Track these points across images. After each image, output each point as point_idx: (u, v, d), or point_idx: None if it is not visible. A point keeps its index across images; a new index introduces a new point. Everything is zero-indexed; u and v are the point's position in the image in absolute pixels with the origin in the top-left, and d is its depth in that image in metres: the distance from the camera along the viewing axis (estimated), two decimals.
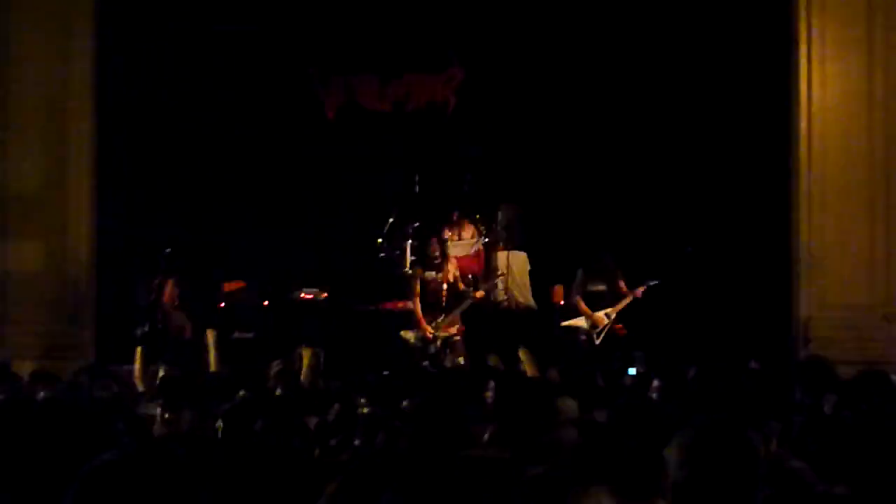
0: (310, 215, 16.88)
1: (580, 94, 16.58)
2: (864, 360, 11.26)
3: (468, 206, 15.71)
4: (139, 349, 12.50)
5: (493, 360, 11.78)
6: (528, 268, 15.89)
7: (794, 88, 13.92)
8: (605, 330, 13.82)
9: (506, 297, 15.33)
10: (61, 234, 14.27)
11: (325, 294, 15.57)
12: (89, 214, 14.48)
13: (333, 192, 17.01)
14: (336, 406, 6.73)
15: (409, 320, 13.71)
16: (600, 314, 13.78)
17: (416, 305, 13.56)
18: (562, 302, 15.01)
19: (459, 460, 3.56)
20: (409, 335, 13.53)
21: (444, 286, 13.49)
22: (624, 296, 13.88)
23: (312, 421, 6.41)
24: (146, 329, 14.24)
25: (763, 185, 15.30)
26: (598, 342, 13.81)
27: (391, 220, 15.56)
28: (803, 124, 13.76)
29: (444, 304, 13.47)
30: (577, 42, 16.48)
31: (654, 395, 7.66)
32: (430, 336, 13.30)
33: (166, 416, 6.21)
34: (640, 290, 13.87)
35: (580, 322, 13.95)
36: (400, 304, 14.97)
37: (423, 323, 13.39)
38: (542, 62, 16.67)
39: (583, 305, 13.88)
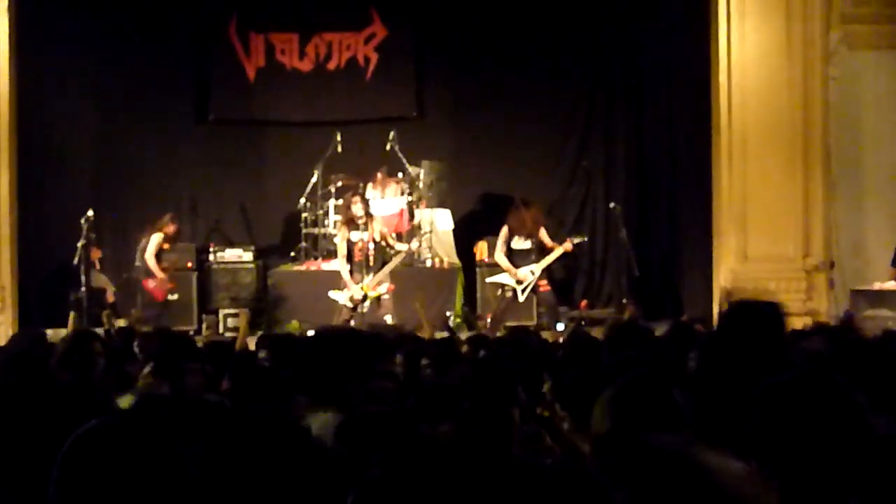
0: (233, 177, 16.98)
1: (504, 45, 16.75)
2: (788, 313, 11.49)
3: (391, 164, 15.70)
4: (72, 314, 12.46)
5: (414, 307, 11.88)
6: (452, 226, 16.22)
7: (714, 42, 14.09)
8: (530, 286, 13.93)
9: (430, 255, 15.62)
10: None
11: (251, 255, 15.72)
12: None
13: (256, 152, 17.18)
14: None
15: (337, 280, 13.76)
16: (525, 270, 13.87)
17: (343, 265, 13.60)
18: (486, 259, 15.06)
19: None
20: (338, 295, 13.57)
21: (371, 245, 13.54)
22: (549, 252, 13.97)
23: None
24: (79, 293, 14.33)
25: (684, 139, 15.60)
26: (521, 298, 13.94)
27: (314, 179, 15.66)
28: (723, 78, 13.91)
29: (370, 263, 13.53)
30: None
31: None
32: (360, 296, 13.38)
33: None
34: (567, 245, 13.98)
35: (504, 279, 14.12)
36: (326, 264, 15.20)
37: (352, 283, 13.43)
38: (464, 18, 16.80)
39: (506, 262, 13.96)
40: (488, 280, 14.57)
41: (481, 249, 15.39)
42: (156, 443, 2.58)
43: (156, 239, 14.79)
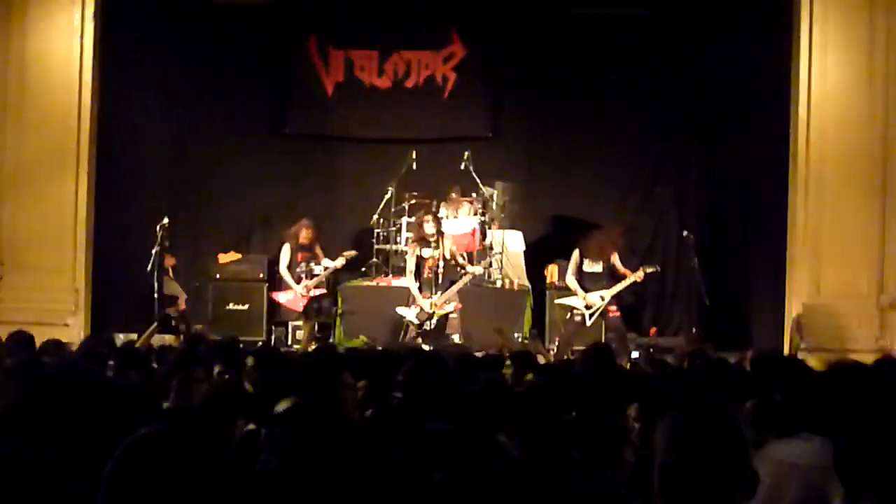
0: (307, 191, 17.02)
1: (581, 68, 16.84)
2: (858, 350, 11.43)
3: (465, 183, 15.76)
4: (154, 325, 12.62)
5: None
6: (523, 247, 16.16)
7: (795, 75, 13.96)
8: (598, 311, 13.84)
9: (501, 276, 15.65)
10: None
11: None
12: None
13: (331, 167, 17.27)
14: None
15: (406, 297, 13.82)
16: (594, 295, 13.81)
17: (412, 282, 13.65)
18: (556, 281, 15.10)
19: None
20: (405, 311, 13.61)
21: (441, 263, 13.57)
22: (621, 278, 13.92)
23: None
24: (164, 309, 14.46)
25: (760, 169, 15.51)
26: (589, 323, 13.85)
27: (387, 196, 15.70)
28: (802, 110, 13.81)
29: (440, 281, 13.57)
30: (574, 22, 16.72)
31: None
32: (427, 313, 13.40)
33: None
34: (639, 273, 13.88)
35: (574, 302, 13.97)
36: (396, 281, 15.17)
37: (421, 299, 13.48)
38: (542, 41, 16.89)
39: (576, 285, 13.92)
40: (557, 302, 14.56)
41: (552, 272, 15.46)
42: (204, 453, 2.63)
43: (286, 249, 14.54)
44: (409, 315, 13.54)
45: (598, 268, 13.86)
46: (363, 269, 16.06)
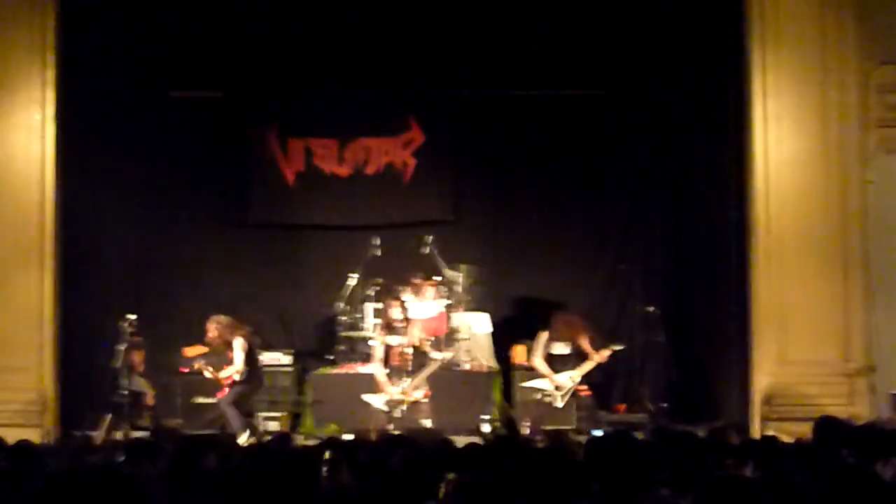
0: (272, 280, 17.04)
1: (541, 151, 16.95)
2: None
3: (429, 268, 15.75)
4: (108, 416, 12.52)
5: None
6: (490, 329, 16.13)
7: (750, 145, 13.99)
8: (569, 393, 13.84)
9: (469, 359, 15.58)
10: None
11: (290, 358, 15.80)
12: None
13: (295, 256, 17.24)
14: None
15: (372, 384, 13.74)
16: (564, 376, 13.79)
17: (380, 369, 13.59)
18: (524, 363, 14.97)
19: None
20: (372, 399, 13.54)
21: (410, 350, 13.55)
22: (587, 358, 13.88)
23: None
24: (119, 397, 14.26)
25: (722, 242, 15.51)
26: (560, 404, 13.80)
27: (352, 283, 15.71)
28: (759, 182, 13.78)
29: (409, 368, 13.54)
30: (530, 104, 16.85)
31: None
32: (396, 400, 13.32)
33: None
34: (605, 353, 13.88)
35: (541, 384, 13.86)
36: (363, 367, 15.03)
37: (389, 386, 13.42)
38: (500, 125, 17.01)
39: (545, 367, 13.88)
40: (523, 385, 14.51)
41: (518, 353, 15.39)
42: None
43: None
44: (377, 402, 13.45)
45: (566, 349, 13.87)
46: (330, 356, 15.95)
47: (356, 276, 15.72)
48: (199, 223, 16.96)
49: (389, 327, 13.71)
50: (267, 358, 15.51)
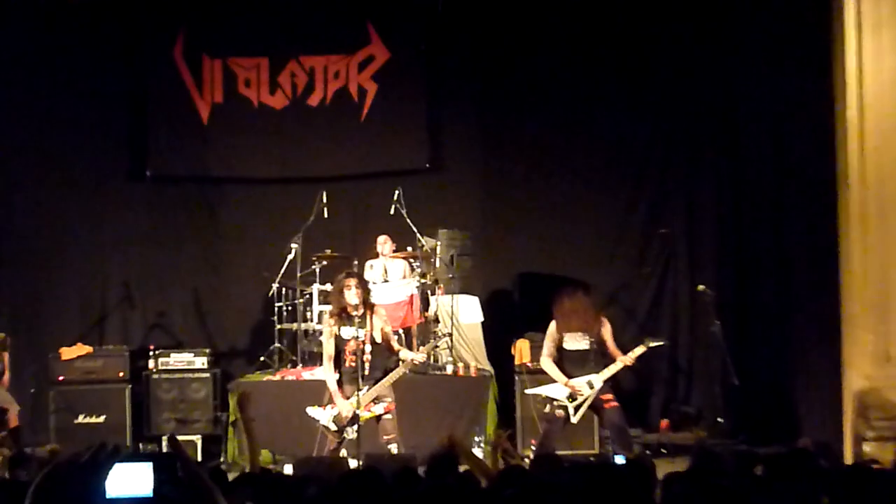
0: (181, 255, 17.10)
1: (548, 74, 16.82)
2: None
3: (398, 234, 15.66)
4: None
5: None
6: (481, 318, 16.01)
7: (839, 67, 13.57)
8: (587, 402, 13.50)
9: (452, 359, 15.37)
10: None
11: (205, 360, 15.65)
12: None
13: (212, 221, 17.27)
14: None
15: (321, 394, 13.35)
16: (581, 381, 13.27)
17: (329, 373, 13.17)
18: (528, 363, 14.85)
19: None
20: (319, 414, 13.14)
21: (368, 347, 13.16)
22: (613, 358, 13.30)
23: None
24: None
25: (798, 201, 15.16)
26: (576, 419, 13.50)
27: (290, 256, 15.53)
28: (852, 113, 13.28)
29: (368, 370, 13.14)
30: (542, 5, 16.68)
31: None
32: (349, 415, 12.97)
33: None
34: (638, 350, 13.50)
35: (553, 391, 13.44)
36: (307, 372, 15.04)
37: (340, 397, 13.02)
38: (496, 34, 16.78)
39: (555, 369, 13.39)
40: (530, 392, 14.10)
41: (521, 350, 15.08)
42: None
43: None
44: (324, 418, 13.03)
45: (583, 344, 13.41)
46: (262, 357, 15.87)
47: (296, 247, 15.54)
48: (78, 178, 16.95)
49: (343, 316, 13.24)
50: (173, 360, 15.57)
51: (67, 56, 16.73)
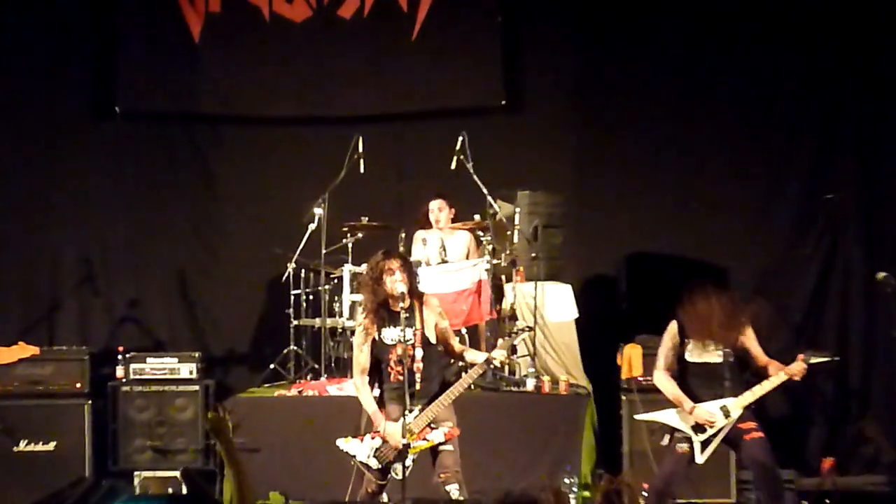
0: (162, 220, 17.46)
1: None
2: None
3: (460, 195, 15.81)
4: None
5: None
6: (576, 314, 16.01)
7: None
8: (720, 436, 13.32)
9: (535, 370, 15.24)
10: None
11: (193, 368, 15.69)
12: None
13: (204, 174, 17.68)
14: None
15: (355, 417, 13.15)
16: (712, 406, 13.01)
17: (364, 389, 12.98)
18: (640, 378, 14.84)
19: None
20: (355, 448, 12.93)
21: (419, 351, 12.93)
22: (762, 374, 12.98)
23: None
24: None
25: None
26: (702, 459, 13.29)
27: (311, 224, 15.65)
28: None
29: (419, 385, 12.93)
30: None
31: None
32: (396, 448, 12.76)
33: None
34: (797, 367, 13.24)
35: (671, 419, 13.17)
36: (334, 386, 15.02)
37: (385, 421, 12.83)
38: None
39: (675, 388, 13.13)
40: (640, 418, 13.93)
41: (630, 360, 15.10)
42: None
43: None
44: (363, 453, 12.83)
45: (714, 356, 13.23)
46: (272, 365, 16.01)
47: (320, 213, 15.63)
48: (21, 115, 17.20)
49: (381, 313, 13.02)
50: (150, 367, 15.58)
51: None
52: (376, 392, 12.68)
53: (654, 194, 16.87)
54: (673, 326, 13.01)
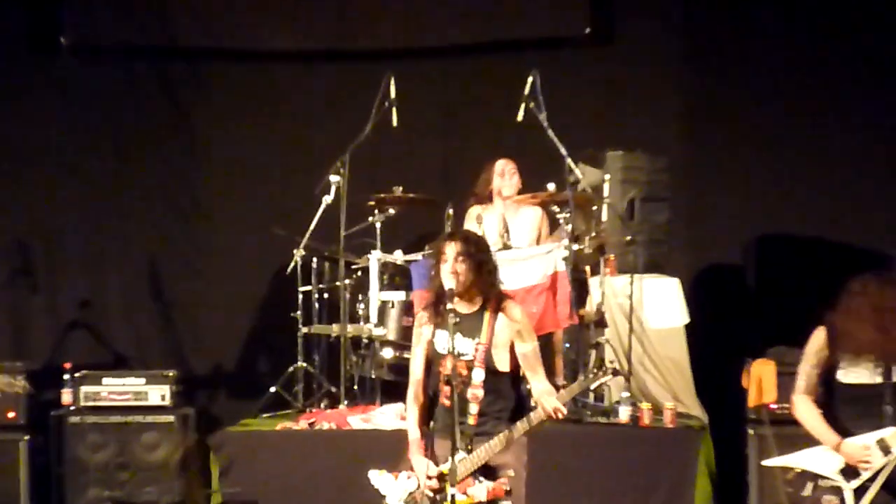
0: (130, 188, 17.76)
1: None
2: None
3: (529, 157, 15.81)
4: None
5: None
6: (686, 319, 15.96)
7: None
8: (878, 481, 12.91)
9: (628, 396, 15.02)
10: None
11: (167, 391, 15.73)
12: None
13: (185, 131, 17.98)
14: None
15: (385, 452, 12.77)
16: (867, 440, 12.86)
17: (413, 410, 12.59)
18: (773, 405, 14.59)
19: None
20: (387, 485, 12.57)
21: (480, 374, 12.53)
22: None
23: None
24: None
25: None
26: None
27: (326, 197, 15.69)
28: None
29: (472, 418, 12.57)
30: None
31: None
32: (433, 491, 12.39)
33: None
34: None
35: (812, 462, 12.93)
36: (377, 412, 15.11)
37: (418, 455, 12.46)
38: None
39: (820, 421, 12.91)
40: (769, 464, 13.54)
41: (760, 381, 14.86)
42: None
43: None
44: (394, 495, 12.45)
45: (873, 376, 12.88)
46: (272, 388, 16.07)
47: (337, 181, 15.60)
48: None
49: (439, 311, 12.64)
50: (109, 390, 15.61)
51: None
52: (420, 422, 12.36)
53: (790, 157, 16.71)
54: (820, 336, 12.47)
